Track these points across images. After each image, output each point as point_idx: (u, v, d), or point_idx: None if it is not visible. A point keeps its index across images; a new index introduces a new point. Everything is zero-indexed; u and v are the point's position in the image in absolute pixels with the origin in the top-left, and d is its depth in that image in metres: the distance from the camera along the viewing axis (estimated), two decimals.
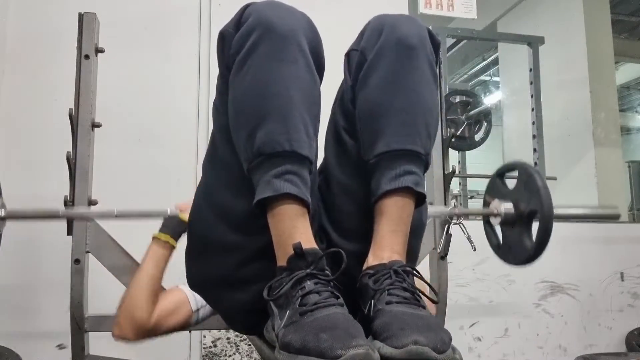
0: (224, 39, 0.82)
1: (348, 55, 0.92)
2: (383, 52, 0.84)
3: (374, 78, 0.84)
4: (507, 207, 1.09)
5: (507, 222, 1.10)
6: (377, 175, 0.82)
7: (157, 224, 1.32)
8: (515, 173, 1.07)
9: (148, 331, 1.22)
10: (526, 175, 1.04)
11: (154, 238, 1.28)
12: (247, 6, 0.80)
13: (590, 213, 1.32)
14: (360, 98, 0.86)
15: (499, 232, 1.14)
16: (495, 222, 1.12)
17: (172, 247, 1.28)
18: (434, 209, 1.40)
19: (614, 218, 1.28)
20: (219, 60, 0.84)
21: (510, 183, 1.12)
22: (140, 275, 1.24)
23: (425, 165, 0.85)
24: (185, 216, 1.24)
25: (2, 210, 1.11)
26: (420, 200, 0.83)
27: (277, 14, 0.78)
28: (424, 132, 0.83)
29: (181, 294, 1.26)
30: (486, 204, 1.15)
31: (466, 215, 1.27)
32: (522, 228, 1.06)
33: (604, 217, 1.31)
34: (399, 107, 0.82)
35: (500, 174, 1.15)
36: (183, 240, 1.20)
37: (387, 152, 0.81)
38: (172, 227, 1.28)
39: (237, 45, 0.79)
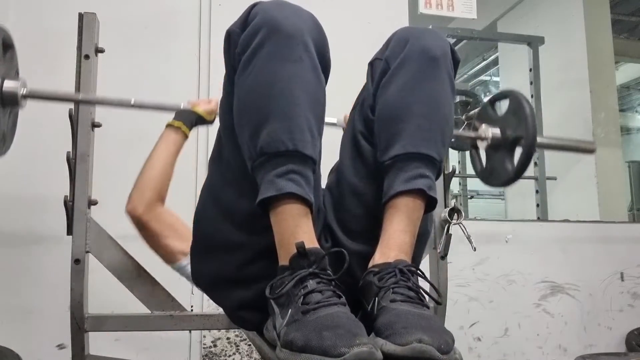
0: (231, 38, 0.82)
1: (372, 64, 0.93)
2: (406, 60, 0.86)
3: (395, 84, 0.86)
4: (494, 132, 1.17)
5: (493, 146, 1.17)
6: (391, 176, 0.83)
7: None
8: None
9: (154, 217, 1.26)
10: (516, 103, 1.11)
11: (168, 125, 1.34)
12: (253, 6, 0.81)
13: (567, 144, 1.44)
14: (380, 102, 0.88)
15: (483, 156, 1.23)
16: (482, 145, 1.20)
17: (185, 135, 1.34)
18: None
19: (590, 151, 1.41)
20: (225, 59, 0.85)
21: (501, 109, 1.20)
22: (153, 157, 1.30)
23: (438, 171, 0.87)
24: (198, 109, 1.34)
25: (24, 89, 1.10)
26: (430, 205, 0.85)
27: (283, 13, 0.79)
28: (440, 139, 0.85)
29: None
30: (475, 129, 1.22)
31: (453, 139, 1.36)
32: (506, 152, 1.14)
33: (580, 149, 1.44)
34: (418, 112, 0.84)
35: (492, 101, 1.22)
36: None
37: (402, 154, 0.83)
38: (184, 116, 1.34)
39: (243, 45, 0.79)
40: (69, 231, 1.31)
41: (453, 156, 4.45)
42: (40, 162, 1.92)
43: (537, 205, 3.05)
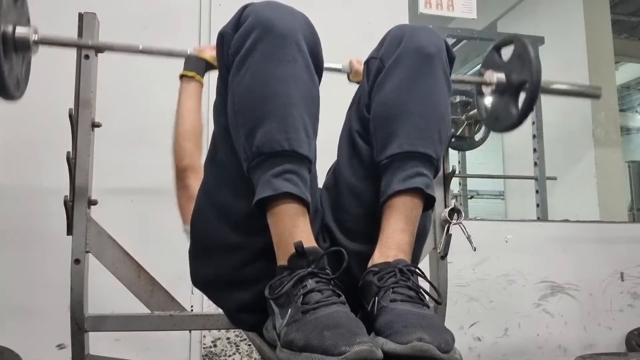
0: (223, 39, 0.82)
1: (367, 62, 0.93)
2: (401, 58, 0.86)
3: (391, 82, 0.86)
4: (499, 76, 1.18)
5: (498, 91, 1.18)
6: (388, 175, 0.83)
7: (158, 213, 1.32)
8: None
9: (195, 170, 1.31)
10: (521, 48, 1.13)
11: (181, 76, 1.39)
12: (246, 6, 0.81)
13: (572, 89, 1.43)
14: (375, 101, 0.88)
15: (488, 102, 1.24)
16: (487, 91, 1.21)
17: (200, 83, 1.39)
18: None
19: (595, 97, 1.40)
20: (218, 60, 0.85)
21: (506, 56, 1.22)
22: (181, 111, 1.36)
23: (436, 169, 0.86)
24: (204, 54, 1.38)
25: (35, 35, 1.13)
26: (429, 203, 0.84)
27: (276, 14, 0.79)
28: (437, 137, 0.85)
29: None
30: (480, 74, 1.23)
31: (460, 83, 1.38)
32: (510, 97, 1.15)
33: (586, 94, 1.43)
34: (414, 110, 0.84)
35: (497, 47, 1.23)
36: None
37: (399, 153, 0.83)
38: (194, 64, 1.39)
39: (236, 45, 0.79)
40: (69, 231, 1.30)
41: (453, 156, 4.45)
42: (40, 162, 1.92)
43: (537, 205, 3.05)
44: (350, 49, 1.49)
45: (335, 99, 1.08)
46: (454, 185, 4.53)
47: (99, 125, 1.38)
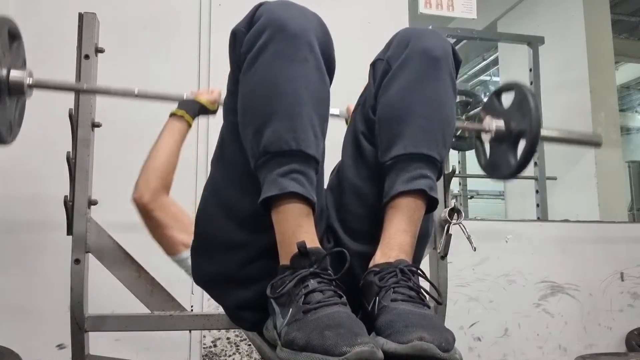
0: (236, 37, 0.82)
1: (374, 64, 0.93)
2: (408, 61, 0.86)
3: (397, 84, 0.86)
4: (498, 124, 1.16)
5: (497, 139, 1.17)
6: (392, 176, 0.83)
7: None
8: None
9: (160, 205, 1.28)
10: (521, 96, 1.11)
11: (171, 114, 1.35)
12: (259, 5, 0.81)
13: (573, 137, 1.38)
14: (381, 102, 0.88)
15: (488, 148, 1.23)
16: (486, 138, 1.20)
17: (188, 123, 1.35)
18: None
19: (596, 145, 1.36)
20: (230, 58, 0.85)
21: (507, 102, 1.19)
22: (158, 146, 1.31)
23: (439, 171, 0.87)
24: (201, 98, 1.35)
25: (30, 78, 1.12)
26: (432, 205, 0.85)
27: (289, 13, 0.79)
28: (441, 140, 0.85)
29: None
30: (479, 120, 1.21)
31: (459, 131, 1.36)
32: (509, 146, 1.14)
33: (586, 142, 1.40)
34: (419, 113, 0.84)
35: (498, 92, 1.21)
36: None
37: (403, 154, 0.83)
38: (187, 106, 1.36)
39: (248, 44, 0.79)
40: (69, 231, 1.31)
41: (453, 156, 4.45)
42: (40, 162, 1.92)
43: (537, 205, 3.05)
44: (350, 49, 1.49)
45: (339, 98, 1.08)
46: (454, 185, 4.53)
47: (99, 125, 1.38)
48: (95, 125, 1.37)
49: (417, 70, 0.85)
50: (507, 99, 1.19)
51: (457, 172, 1.56)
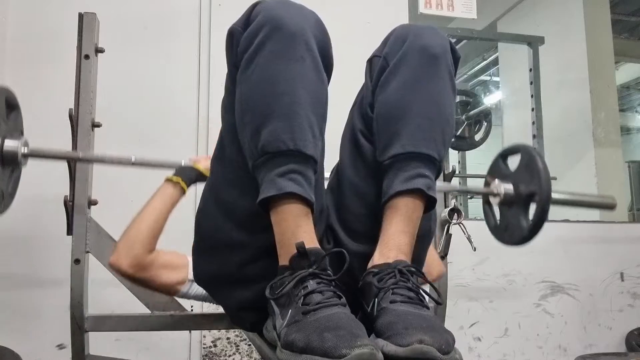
0: (233, 36, 0.82)
1: (370, 61, 0.93)
2: (406, 58, 0.85)
3: (395, 82, 0.85)
4: (507, 187, 1.12)
5: (506, 202, 1.12)
6: (390, 176, 0.83)
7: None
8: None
9: (141, 268, 1.19)
10: (528, 158, 1.07)
11: (166, 180, 1.29)
12: (255, 4, 0.80)
13: (586, 200, 1.31)
14: (379, 101, 0.87)
15: (497, 211, 1.17)
16: (495, 202, 1.15)
17: (182, 190, 1.29)
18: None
19: (610, 208, 1.28)
20: (227, 58, 0.85)
21: (513, 164, 1.15)
22: (147, 210, 1.24)
23: (438, 170, 0.86)
24: (198, 165, 1.31)
25: (25, 147, 1.10)
26: (430, 204, 0.84)
27: (286, 12, 0.78)
28: (440, 138, 0.84)
29: (184, 259, 1.27)
30: (487, 183, 1.18)
31: (467, 194, 1.32)
32: (520, 209, 1.09)
33: (600, 205, 1.32)
34: (418, 111, 0.83)
35: (504, 155, 1.18)
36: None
37: (401, 154, 0.82)
38: (184, 172, 1.30)
39: (245, 43, 0.79)
40: (69, 231, 1.30)
41: (453, 156, 4.45)
42: (40, 162, 1.92)
43: None
44: (350, 49, 1.49)
45: (339, 98, 1.08)
46: (454, 185, 4.52)
47: (99, 125, 1.38)
48: (95, 125, 1.37)
49: (415, 68, 0.84)
50: (513, 162, 1.15)
51: (457, 172, 1.56)
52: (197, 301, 1.33)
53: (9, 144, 1.06)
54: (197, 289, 1.27)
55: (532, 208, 1.07)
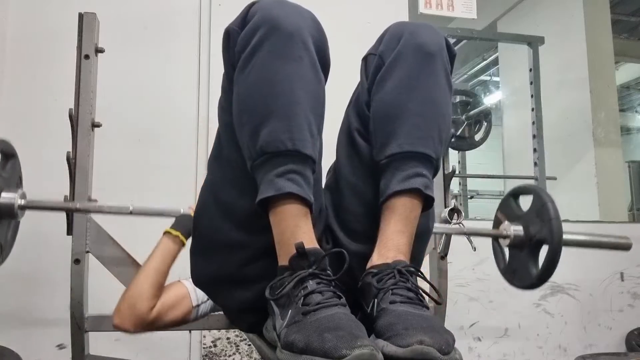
0: (230, 37, 0.81)
1: (366, 59, 0.92)
2: (401, 56, 0.85)
3: (391, 81, 0.85)
4: (516, 229, 1.08)
5: (516, 245, 1.09)
6: (387, 175, 0.83)
7: (161, 222, 1.32)
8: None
9: (147, 324, 1.21)
10: (540, 203, 1.04)
11: (165, 233, 1.29)
12: (252, 4, 0.80)
13: (600, 241, 1.23)
14: (375, 100, 0.87)
15: (507, 252, 1.14)
16: (504, 243, 1.11)
17: (182, 244, 1.29)
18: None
19: (625, 249, 1.22)
20: (224, 58, 0.84)
21: (525, 205, 1.11)
22: (147, 267, 1.24)
23: (436, 169, 0.86)
24: None
25: (22, 200, 1.09)
26: (428, 203, 0.84)
27: (283, 11, 0.78)
28: (437, 137, 0.84)
29: (182, 289, 1.26)
30: (497, 223, 1.14)
31: (474, 234, 1.28)
32: (530, 253, 1.06)
33: (615, 246, 1.22)
34: (414, 110, 0.83)
35: (515, 194, 1.14)
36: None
37: (398, 153, 0.82)
38: (183, 224, 1.30)
39: (243, 43, 0.78)
40: (69, 231, 1.31)
41: (453, 156, 4.45)
42: (40, 162, 1.92)
43: None
44: (350, 49, 1.49)
45: (339, 98, 1.08)
46: (454, 185, 4.53)
47: (99, 125, 1.38)
48: (95, 125, 1.37)
49: (411, 67, 0.84)
50: (524, 202, 1.12)
51: (457, 172, 1.56)
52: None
53: (5, 196, 1.05)
54: (203, 310, 1.28)
55: (543, 252, 1.05)
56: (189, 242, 1.08)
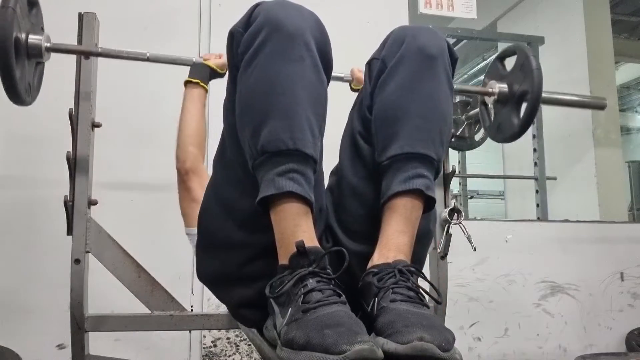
0: (233, 38, 0.82)
1: (369, 63, 0.93)
2: (403, 59, 0.86)
3: (393, 83, 0.86)
4: (501, 86, 1.21)
5: (500, 101, 1.21)
6: (389, 176, 0.83)
7: (160, 221, 1.32)
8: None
9: (195, 171, 1.37)
10: (523, 58, 1.14)
11: (186, 82, 1.44)
12: (256, 5, 0.81)
13: (576, 100, 1.40)
14: (377, 102, 0.88)
15: (492, 113, 1.26)
16: (490, 100, 1.24)
17: (204, 89, 1.44)
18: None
19: (600, 108, 1.38)
20: (228, 59, 0.86)
21: (510, 66, 1.23)
22: (184, 116, 1.41)
23: (437, 170, 0.86)
24: (209, 62, 1.44)
25: (47, 43, 1.18)
26: (429, 204, 0.85)
27: (285, 13, 0.79)
28: (438, 139, 0.85)
29: None
30: (484, 84, 1.26)
31: (463, 94, 1.40)
32: (512, 107, 1.18)
33: (590, 105, 1.44)
34: (415, 112, 0.84)
35: (501, 57, 1.25)
36: None
37: (400, 154, 0.83)
38: (199, 72, 1.43)
39: (246, 44, 0.79)
40: (69, 231, 1.30)
41: (453, 156, 4.45)
42: (40, 162, 1.92)
43: (537, 205, 3.05)
44: (350, 49, 1.49)
45: (339, 100, 1.08)
46: (454, 185, 4.53)
47: (99, 125, 1.38)
48: (95, 125, 1.37)
49: (412, 69, 0.85)
50: (510, 63, 1.22)
51: (457, 172, 1.56)
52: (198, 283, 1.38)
53: (33, 37, 1.14)
54: None
55: (524, 107, 1.16)
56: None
